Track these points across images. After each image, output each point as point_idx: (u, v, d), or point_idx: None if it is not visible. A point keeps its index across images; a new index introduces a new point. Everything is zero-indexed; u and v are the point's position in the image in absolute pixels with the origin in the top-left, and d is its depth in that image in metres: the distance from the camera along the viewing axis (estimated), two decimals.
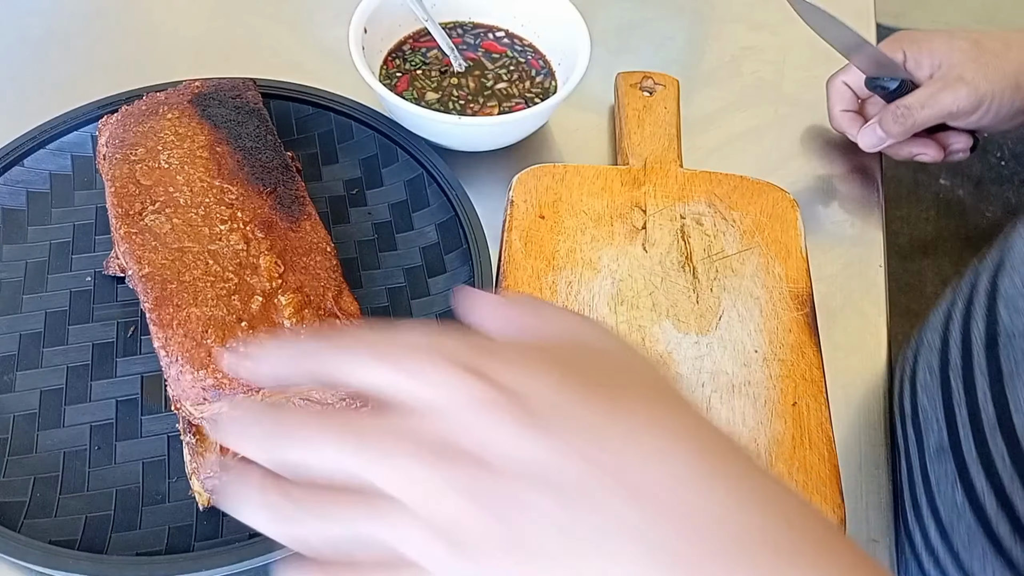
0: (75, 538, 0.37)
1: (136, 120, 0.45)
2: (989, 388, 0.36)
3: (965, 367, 0.38)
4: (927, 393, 0.42)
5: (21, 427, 0.41)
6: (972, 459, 0.37)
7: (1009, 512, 0.35)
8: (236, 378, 0.36)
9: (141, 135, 0.44)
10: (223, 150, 0.44)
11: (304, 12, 0.62)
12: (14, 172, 0.49)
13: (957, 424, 0.38)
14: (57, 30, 0.60)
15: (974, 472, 0.37)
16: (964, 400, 0.38)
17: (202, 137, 0.44)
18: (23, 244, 0.47)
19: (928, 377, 0.42)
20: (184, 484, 0.39)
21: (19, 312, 0.45)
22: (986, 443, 0.36)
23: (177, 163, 0.43)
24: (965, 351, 0.39)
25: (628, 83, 0.54)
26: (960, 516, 0.38)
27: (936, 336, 0.42)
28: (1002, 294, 0.37)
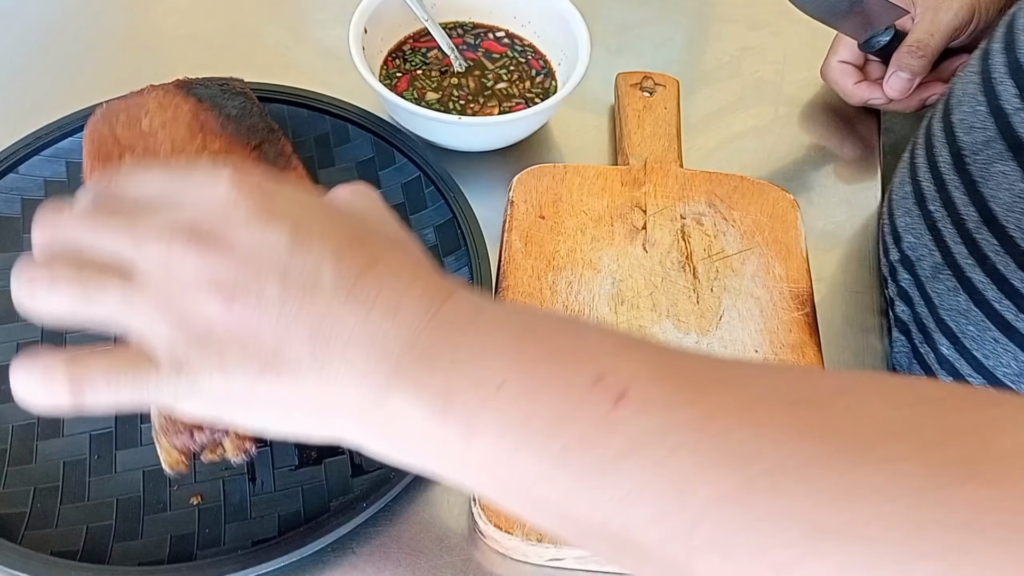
0: (76, 549, 0.37)
1: (119, 103, 0.45)
2: (967, 195, 0.41)
3: (940, 190, 0.43)
4: (911, 232, 0.45)
5: (20, 437, 0.40)
6: (967, 263, 0.41)
7: (1012, 295, 0.39)
8: None
9: (123, 108, 0.44)
10: (206, 116, 0.44)
11: (304, 12, 0.62)
12: (8, 179, 0.48)
13: (945, 240, 0.42)
14: (51, 33, 0.59)
15: (971, 273, 0.41)
16: (946, 217, 0.42)
17: (186, 107, 0.44)
18: (19, 252, 0.47)
19: (908, 219, 0.46)
20: (186, 493, 0.39)
21: (16, 321, 0.44)
22: (976, 242, 0.40)
23: (159, 124, 0.43)
24: (936, 179, 0.43)
25: (628, 83, 0.54)
26: (967, 318, 0.41)
27: (906, 182, 0.47)
28: (956, 124, 0.42)
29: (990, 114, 0.40)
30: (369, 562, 0.38)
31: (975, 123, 0.41)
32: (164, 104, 0.44)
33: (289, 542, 0.36)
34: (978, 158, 0.40)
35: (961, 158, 0.41)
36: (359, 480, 0.39)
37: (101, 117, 0.44)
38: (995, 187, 0.39)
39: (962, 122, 0.42)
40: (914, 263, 0.45)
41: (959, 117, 0.42)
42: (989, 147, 0.39)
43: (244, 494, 0.39)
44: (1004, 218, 0.38)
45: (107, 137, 0.42)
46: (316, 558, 0.37)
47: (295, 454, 0.40)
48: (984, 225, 0.40)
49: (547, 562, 0.38)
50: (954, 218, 0.42)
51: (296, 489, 0.39)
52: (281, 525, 0.38)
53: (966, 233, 0.41)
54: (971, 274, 0.41)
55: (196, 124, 0.43)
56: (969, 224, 0.41)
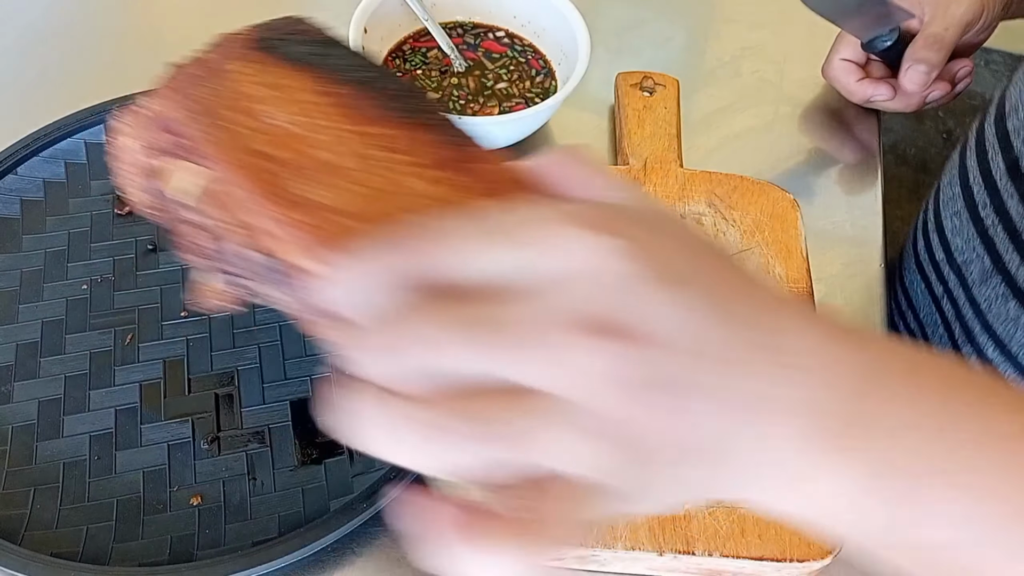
0: (77, 550, 0.37)
1: (189, 89, 0.32)
2: (1022, 205, 0.41)
3: (993, 198, 0.43)
4: (959, 235, 0.46)
5: (20, 438, 0.40)
6: (1020, 272, 0.42)
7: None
8: None
9: (214, 102, 0.31)
10: (341, 91, 0.32)
11: (304, 12, 0.61)
12: (7, 180, 0.48)
13: (997, 248, 0.43)
14: (50, 34, 0.59)
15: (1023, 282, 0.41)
16: (999, 225, 0.43)
17: (298, 83, 0.32)
18: (18, 253, 0.47)
19: (956, 221, 0.46)
20: (186, 493, 0.39)
21: (15, 322, 0.44)
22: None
23: (296, 119, 0.30)
24: (990, 187, 0.43)
25: (628, 83, 0.54)
26: (1016, 324, 0.42)
27: (955, 185, 0.46)
28: (1012, 131, 0.42)
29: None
30: (369, 562, 0.38)
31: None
32: (273, 84, 0.32)
33: (289, 542, 0.36)
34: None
35: (1018, 168, 0.41)
36: (359, 480, 0.39)
37: (191, 123, 0.31)
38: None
39: (1017, 132, 0.42)
40: (961, 267, 0.45)
41: (1014, 125, 0.42)
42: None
43: (244, 495, 0.39)
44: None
45: (244, 156, 0.29)
46: (316, 558, 0.37)
47: (295, 454, 0.40)
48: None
49: (546, 562, 0.38)
50: (1007, 226, 0.42)
51: (296, 490, 0.39)
52: (281, 526, 0.38)
53: (1020, 242, 0.41)
54: (1023, 284, 0.41)
55: (338, 109, 0.31)
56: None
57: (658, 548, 0.36)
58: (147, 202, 0.32)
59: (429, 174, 0.29)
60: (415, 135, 0.30)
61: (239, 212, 0.28)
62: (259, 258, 0.28)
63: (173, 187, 0.30)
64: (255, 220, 0.27)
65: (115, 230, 0.48)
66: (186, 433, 0.41)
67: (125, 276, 0.46)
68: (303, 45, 0.34)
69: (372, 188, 0.28)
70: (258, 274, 0.29)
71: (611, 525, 0.37)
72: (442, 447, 0.19)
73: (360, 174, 0.28)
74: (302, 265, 0.26)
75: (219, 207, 0.29)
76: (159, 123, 0.31)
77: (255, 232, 0.27)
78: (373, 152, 0.29)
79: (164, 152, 0.31)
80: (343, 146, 0.29)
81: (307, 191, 0.27)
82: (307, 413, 0.42)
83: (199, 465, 0.40)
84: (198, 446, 0.40)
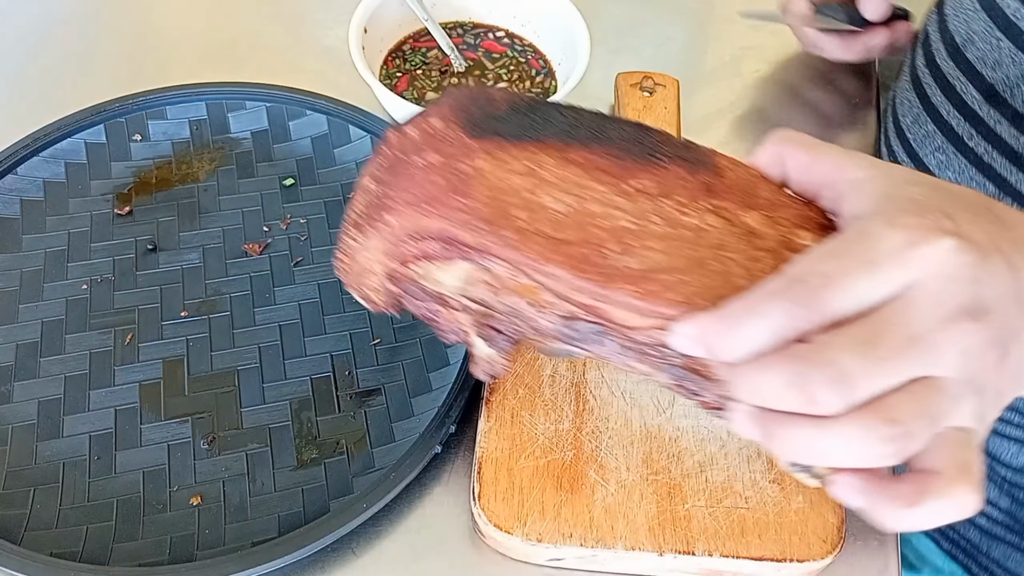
0: (77, 550, 0.37)
1: (442, 198, 0.32)
2: (1015, 127, 0.42)
3: (979, 128, 0.44)
4: (948, 169, 0.47)
5: (20, 438, 0.40)
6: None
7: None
8: None
9: (478, 206, 0.32)
10: (575, 156, 0.33)
11: (304, 12, 0.62)
12: (7, 180, 0.48)
13: (999, 173, 0.43)
14: (50, 34, 0.59)
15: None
16: (993, 150, 0.44)
17: (539, 160, 0.33)
18: (18, 253, 0.47)
19: (940, 156, 0.47)
20: (186, 493, 0.39)
21: (15, 322, 0.44)
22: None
23: (564, 197, 0.32)
24: (970, 117, 0.45)
25: (628, 83, 0.54)
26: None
27: (926, 123, 0.48)
28: (975, 60, 0.44)
29: (1018, 48, 0.40)
30: (369, 562, 0.38)
31: (1000, 59, 0.41)
32: (517, 168, 0.32)
33: (289, 542, 0.36)
34: (1018, 91, 0.41)
35: (996, 93, 0.42)
36: (359, 480, 0.39)
37: (428, 224, 0.32)
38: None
39: (983, 60, 0.42)
40: None
41: (975, 55, 0.43)
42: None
43: (244, 495, 0.39)
44: None
45: (523, 242, 0.30)
46: (316, 558, 0.37)
47: (295, 454, 0.40)
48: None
49: (547, 562, 0.38)
50: (1005, 151, 0.42)
51: (296, 490, 0.39)
52: (281, 526, 0.38)
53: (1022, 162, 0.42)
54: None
55: (592, 171, 0.32)
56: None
57: (658, 548, 0.36)
58: (390, 302, 0.35)
59: (703, 205, 0.32)
60: (663, 175, 0.32)
61: (568, 294, 0.30)
62: (587, 327, 0.31)
63: (451, 286, 0.33)
64: (584, 298, 0.30)
65: (115, 230, 0.48)
66: (186, 433, 0.41)
67: (125, 276, 0.46)
68: (513, 118, 0.34)
69: (668, 239, 0.31)
70: (584, 339, 0.32)
71: (611, 526, 0.37)
72: (904, 444, 0.25)
73: (652, 228, 0.31)
74: (666, 329, 0.29)
75: (504, 293, 0.32)
76: (413, 235, 0.33)
77: (591, 308, 0.30)
78: (644, 204, 0.32)
79: (426, 257, 0.33)
80: (619, 208, 0.31)
81: (627, 261, 0.30)
82: (307, 413, 0.42)
83: (199, 465, 0.40)
84: (198, 446, 0.40)
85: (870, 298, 0.25)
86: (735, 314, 0.26)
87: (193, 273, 0.46)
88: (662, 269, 0.30)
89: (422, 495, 0.40)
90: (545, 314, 0.32)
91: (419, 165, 0.33)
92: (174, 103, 0.52)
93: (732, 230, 0.31)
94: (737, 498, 0.37)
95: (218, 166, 0.51)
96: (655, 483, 0.38)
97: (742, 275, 0.29)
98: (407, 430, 0.40)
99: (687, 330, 0.27)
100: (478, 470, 0.38)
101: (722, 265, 0.30)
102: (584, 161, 0.33)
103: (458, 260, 0.33)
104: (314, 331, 0.44)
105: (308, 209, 0.49)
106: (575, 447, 0.39)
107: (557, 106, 0.35)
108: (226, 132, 0.52)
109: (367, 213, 0.34)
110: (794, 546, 0.36)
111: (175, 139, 0.52)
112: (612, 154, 0.33)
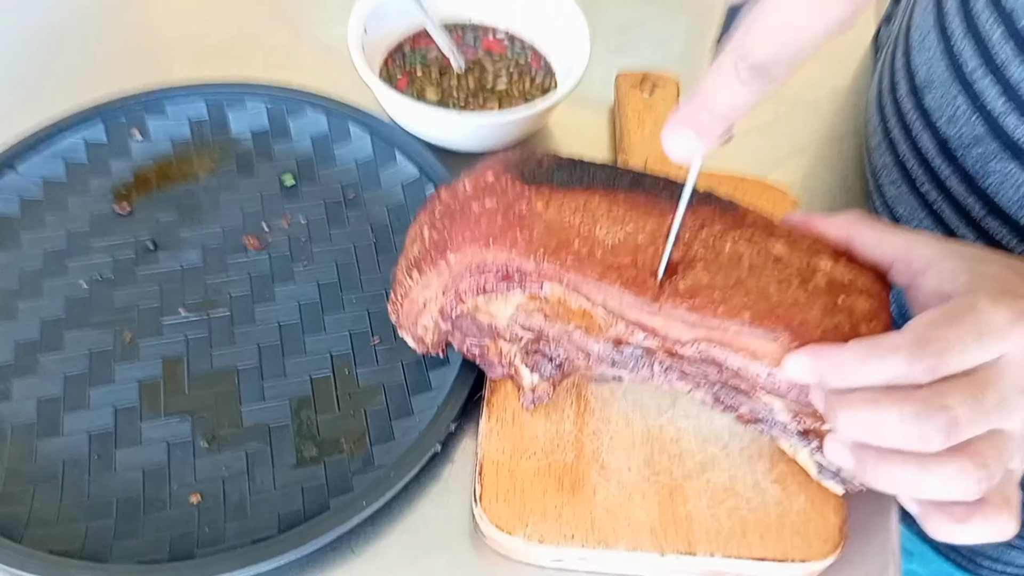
0: (77, 547, 0.37)
1: (510, 234, 0.35)
2: (964, 185, 0.43)
3: (933, 178, 0.45)
4: (903, 204, 0.48)
5: (20, 436, 0.40)
6: None
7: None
8: None
9: (539, 238, 0.35)
10: (620, 197, 0.37)
11: (304, 12, 0.62)
12: (7, 179, 0.48)
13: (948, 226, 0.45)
14: (51, 33, 0.59)
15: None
16: (944, 200, 0.45)
17: (590, 201, 0.36)
18: (17, 251, 0.47)
19: (896, 190, 0.49)
20: (185, 491, 0.39)
21: (15, 320, 0.44)
22: (986, 232, 0.43)
23: (615, 229, 0.35)
24: (925, 166, 0.46)
25: (628, 83, 0.54)
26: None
27: (888, 157, 0.49)
28: (932, 111, 0.44)
29: (975, 111, 0.40)
30: (369, 562, 0.38)
31: (956, 116, 0.42)
32: (571, 206, 0.36)
33: (289, 540, 0.36)
34: (970, 154, 0.41)
35: (949, 151, 0.43)
36: (359, 479, 0.39)
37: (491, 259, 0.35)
38: (996, 184, 0.40)
39: (939, 110, 0.43)
40: None
41: (933, 103, 0.43)
42: (981, 144, 0.41)
43: (244, 493, 0.39)
44: (1016, 212, 0.40)
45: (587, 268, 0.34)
46: (316, 557, 0.37)
47: (294, 453, 0.40)
48: (990, 215, 0.41)
49: (548, 563, 0.38)
50: (954, 205, 0.43)
51: (296, 488, 0.39)
52: (281, 524, 0.38)
53: (972, 223, 0.42)
54: None
55: (635, 209, 0.36)
56: (974, 215, 0.42)
57: (660, 549, 0.36)
58: (439, 340, 0.38)
59: (735, 235, 0.35)
60: (698, 211, 0.36)
61: (623, 311, 0.34)
62: (633, 352, 0.35)
63: (505, 316, 0.36)
64: (638, 315, 0.34)
65: (115, 228, 0.48)
66: (186, 431, 0.41)
67: (125, 275, 0.46)
68: (560, 171, 0.38)
69: (708, 262, 0.35)
70: (630, 363, 0.36)
71: (613, 527, 0.37)
72: (988, 483, 0.29)
73: (696, 253, 0.35)
74: (712, 340, 0.34)
75: (558, 319, 0.36)
76: (473, 269, 0.36)
77: (643, 325, 0.34)
78: (685, 235, 0.35)
79: (483, 291, 0.36)
80: (684, 239, 0.35)
81: (676, 282, 0.34)
82: (307, 412, 0.42)
83: (199, 463, 0.40)
84: (198, 444, 0.40)
85: (973, 362, 0.29)
86: (860, 354, 0.30)
87: (193, 272, 0.46)
88: (707, 287, 0.34)
89: (422, 495, 0.40)
90: (596, 339, 0.35)
91: (477, 210, 0.36)
92: (174, 101, 0.52)
93: (762, 254, 0.35)
94: (739, 499, 0.37)
95: (218, 165, 0.51)
96: (657, 484, 0.38)
97: (775, 293, 0.33)
98: (407, 429, 0.41)
99: (804, 360, 0.32)
100: (479, 471, 0.38)
101: (758, 282, 0.34)
102: (629, 202, 0.37)
103: (516, 290, 0.35)
104: (314, 330, 0.44)
105: (309, 208, 0.49)
106: (576, 448, 0.39)
107: (597, 164, 0.39)
108: (226, 131, 0.52)
109: (424, 255, 0.37)
110: (796, 547, 0.36)
111: (175, 138, 0.52)
112: (651, 197, 0.37)
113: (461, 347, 0.39)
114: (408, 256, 0.38)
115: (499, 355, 0.38)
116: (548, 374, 0.37)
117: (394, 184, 0.50)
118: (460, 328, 0.38)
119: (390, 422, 0.41)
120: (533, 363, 0.37)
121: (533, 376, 0.37)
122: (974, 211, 0.42)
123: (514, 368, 0.38)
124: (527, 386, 0.38)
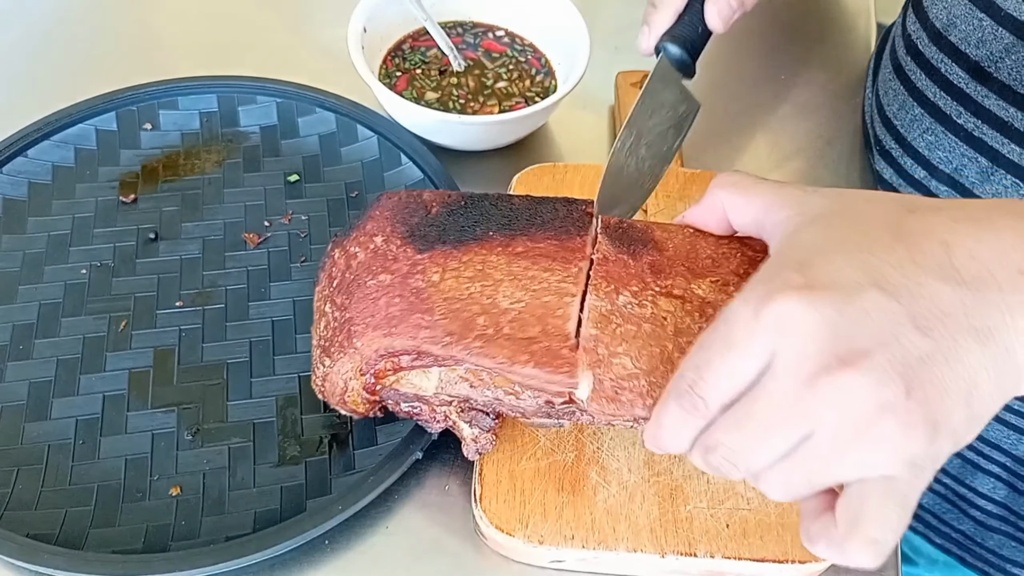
0: (54, 532, 0.37)
1: (412, 317, 0.34)
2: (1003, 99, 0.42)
3: (967, 105, 0.45)
4: (941, 148, 0.47)
5: (8, 418, 0.41)
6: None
7: None
8: None
9: (442, 319, 0.34)
10: (516, 247, 0.35)
11: (303, 12, 0.62)
12: (17, 162, 0.49)
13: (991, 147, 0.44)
14: (60, 26, 0.60)
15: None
16: (985, 125, 0.44)
17: (485, 259, 0.35)
18: (22, 235, 0.47)
19: (932, 137, 0.47)
20: (165, 483, 0.39)
21: (13, 302, 0.45)
22: None
23: (517, 293, 0.34)
24: (957, 96, 0.45)
25: (628, 83, 0.53)
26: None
27: (913, 108, 0.48)
28: (959, 41, 0.44)
29: (998, 24, 0.41)
30: (369, 562, 0.38)
31: (983, 37, 0.42)
32: (467, 275, 0.35)
33: (262, 540, 0.36)
34: (1004, 65, 0.41)
35: (982, 70, 0.43)
36: (337, 482, 0.39)
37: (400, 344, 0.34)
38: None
39: (965, 40, 0.43)
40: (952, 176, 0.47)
41: (958, 37, 0.44)
42: (1013, 53, 0.41)
43: (223, 488, 0.39)
44: None
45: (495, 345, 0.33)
46: (289, 556, 0.37)
47: (277, 451, 0.40)
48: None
49: (548, 564, 0.37)
50: (995, 124, 0.43)
51: (275, 487, 0.39)
52: (256, 522, 0.38)
53: (1014, 133, 0.42)
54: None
55: (535, 258, 0.35)
56: (1017, 124, 0.41)
57: (660, 550, 0.36)
58: (372, 408, 0.38)
59: (655, 290, 0.33)
60: (607, 265, 0.34)
61: (543, 387, 0.33)
62: (564, 407, 0.34)
63: (429, 387, 0.35)
64: (559, 388, 0.33)
65: (118, 217, 0.48)
66: (171, 423, 0.41)
67: (125, 263, 0.47)
68: (450, 221, 0.37)
69: (628, 339, 0.32)
70: (563, 414, 0.35)
71: (613, 528, 0.36)
72: (793, 496, 0.27)
73: (614, 328, 0.33)
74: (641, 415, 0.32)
75: (482, 386, 0.34)
76: (383, 354, 0.35)
77: (566, 396, 0.33)
78: (602, 283, 0.34)
79: (399, 369, 0.35)
80: (571, 295, 0.34)
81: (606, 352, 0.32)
82: (292, 410, 0.42)
83: (181, 456, 0.40)
84: (182, 437, 0.40)
85: (743, 379, 0.26)
86: (652, 432, 0.29)
87: (191, 264, 0.47)
88: (627, 376, 0.32)
89: (422, 496, 0.39)
90: (523, 399, 0.34)
91: (372, 287, 0.35)
92: (187, 94, 0.52)
93: (686, 308, 0.33)
94: (739, 499, 0.37)
95: (225, 159, 0.51)
96: (657, 485, 0.38)
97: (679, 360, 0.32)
98: (390, 434, 0.40)
99: (645, 438, 0.30)
100: (479, 472, 0.38)
101: (682, 353, 0.31)
102: (528, 250, 0.35)
103: (433, 367, 0.35)
104: (306, 329, 0.44)
105: (310, 206, 0.49)
106: (576, 448, 0.38)
107: (489, 198, 0.37)
108: (235, 125, 0.53)
109: (332, 338, 0.36)
110: (795, 547, 0.36)
111: (185, 130, 0.52)
112: (553, 238, 0.35)
113: (396, 410, 0.37)
114: (317, 332, 0.37)
115: (435, 415, 0.37)
116: (488, 427, 0.36)
117: (398, 186, 0.50)
118: (390, 399, 0.37)
119: (374, 427, 0.41)
120: (471, 418, 0.36)
121: (473, 429, 0.36)
122: (1016, 120, 0.41)
123: (452, 423, 0.37)
124: (468, 438, 0.37)
